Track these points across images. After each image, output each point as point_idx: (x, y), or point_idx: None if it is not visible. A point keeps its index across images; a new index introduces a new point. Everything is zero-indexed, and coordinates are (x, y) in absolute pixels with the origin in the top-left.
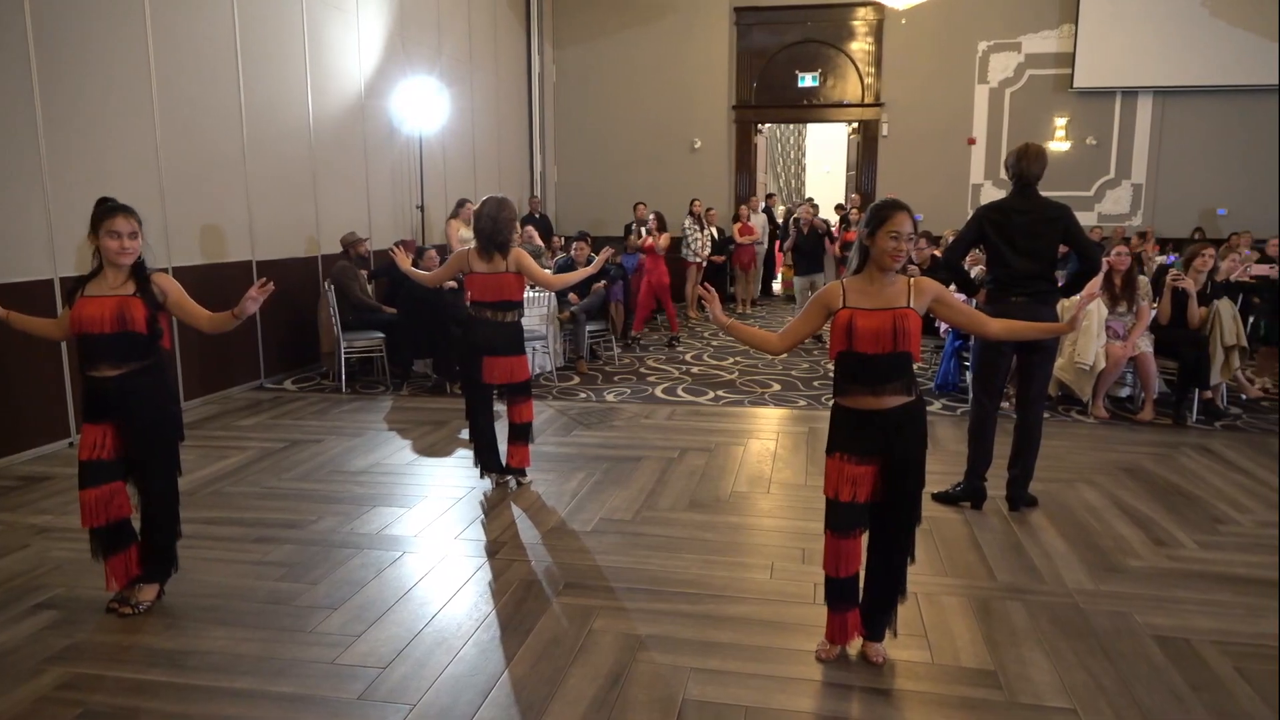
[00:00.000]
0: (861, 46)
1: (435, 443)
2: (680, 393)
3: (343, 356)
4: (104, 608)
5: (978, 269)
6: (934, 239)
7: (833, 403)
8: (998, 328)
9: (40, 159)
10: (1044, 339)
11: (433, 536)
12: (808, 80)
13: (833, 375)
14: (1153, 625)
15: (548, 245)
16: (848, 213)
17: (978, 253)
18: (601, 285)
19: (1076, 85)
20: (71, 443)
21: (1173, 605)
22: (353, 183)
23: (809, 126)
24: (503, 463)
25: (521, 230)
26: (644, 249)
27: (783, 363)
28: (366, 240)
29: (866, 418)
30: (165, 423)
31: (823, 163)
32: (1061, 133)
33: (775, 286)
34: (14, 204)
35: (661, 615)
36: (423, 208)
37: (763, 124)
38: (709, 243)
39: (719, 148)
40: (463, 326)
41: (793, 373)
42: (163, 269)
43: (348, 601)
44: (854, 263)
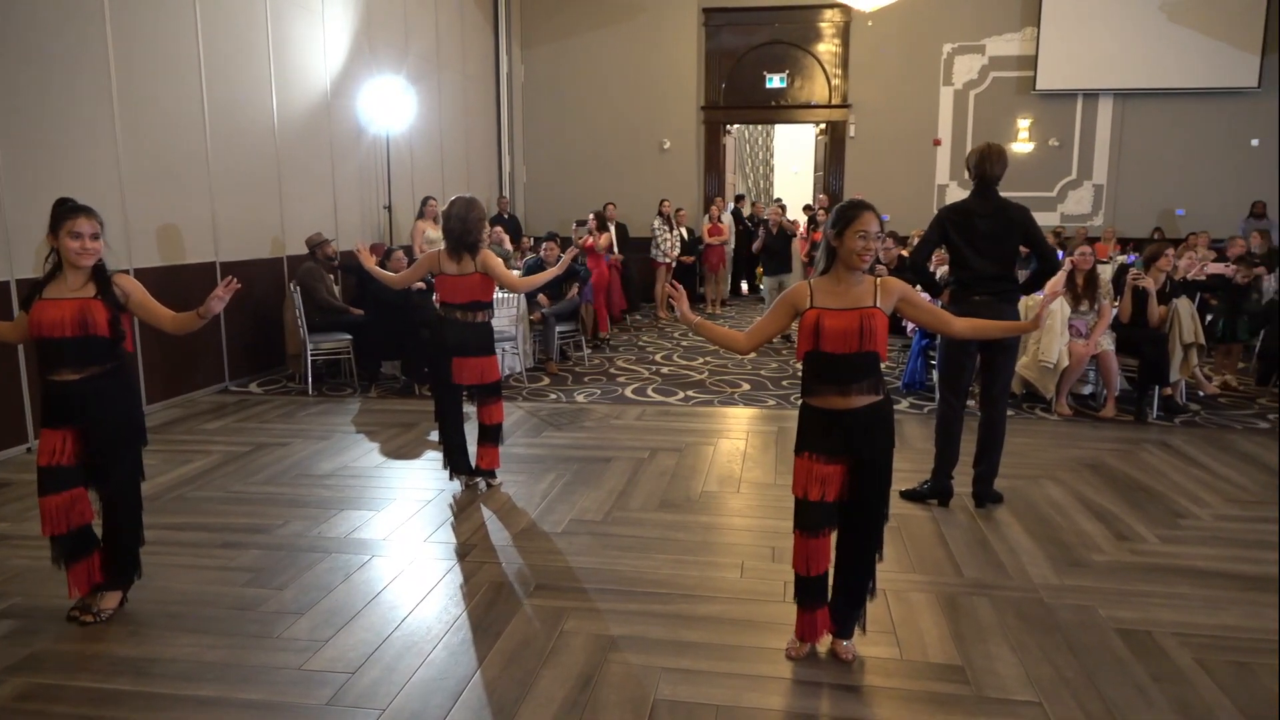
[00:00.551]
0: (828, 48)
1: (404, 445)
2: (650, 393)
3: (309, 358)
4: (65, 616)
5: (942, 269)
6: (901, 239)
7: (801, 402)
8: (963, 326)
9: None
10: (1007, 337)
11: (402, 539)
12: (776, 81)
13: (801, 375)
14: (1116, 618)
15: (516, 246)
16: (816, 213)
17: (942, 253)
18: (575, 291)
19: (1039, 87)
20: (30, 448)
21: (1135, 599)
22: (319, 183)
23: (777, 127)
24: (472, 464)
25: (490, 231)
26: (584, 248)
27: (752, 362)
28: (333, 241)
29: (834, 417)
30: (128, 427)
31: (791, 163)
32: (1025, 134)
33: (744, 287)
34: None
35: (633, 615)
36: (390, 208)
37: (731, 125)
38: (678, 243)
39: (688, 148)
40: (432, 328)
41: (762, 372)
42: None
43: (315, 606)
44: (821, 263)
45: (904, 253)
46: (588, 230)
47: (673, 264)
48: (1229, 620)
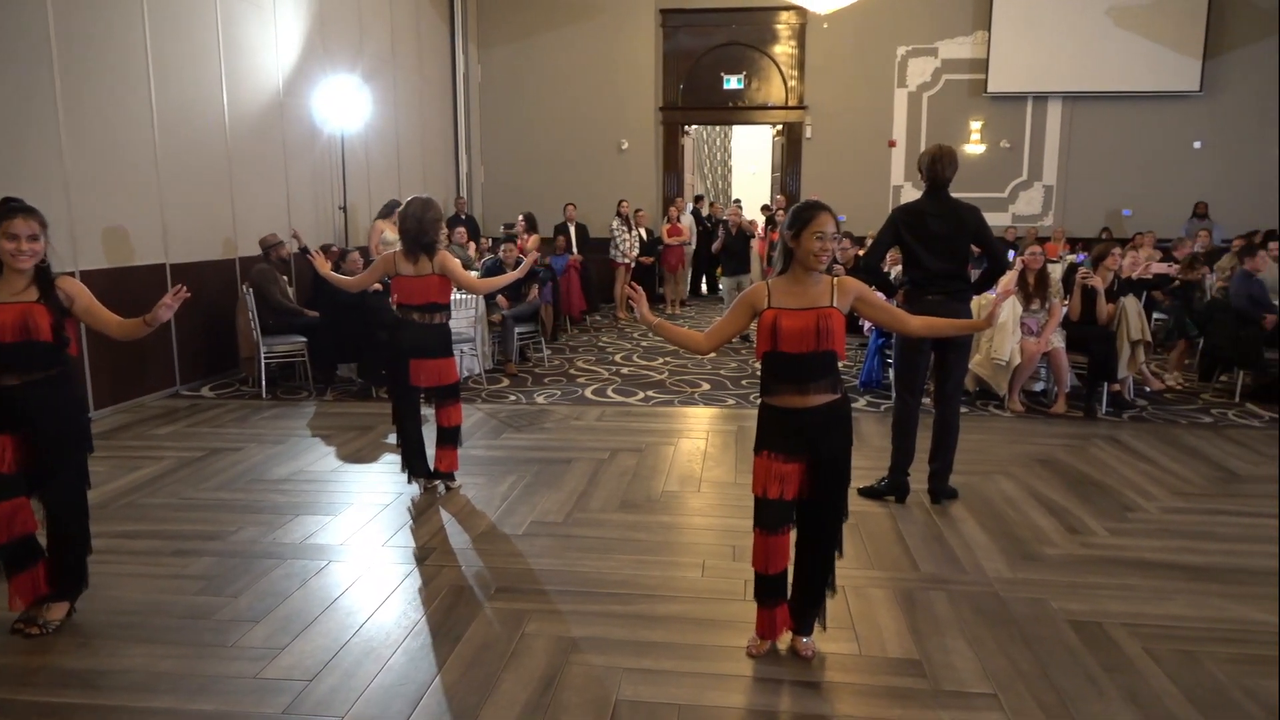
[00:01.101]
0: (785, 50)
1: (361, 448)
2: (610, 394)
3: (263, 361)
4: (9, 629)
5: (896, 269)
6: (857, 240)
7: (760, 401)
8: (918, 325)
9: None
10: (961, 336)
11: (359, 544)
12: (733, 83)
13: (760, 374)
14: (1068, 611)
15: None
16: (774, 214)
17: (896, 253)
18: (535, 293)
19: (990, 90)
20: None
21: (1086, 591)
22: (272, 183)
23: (735, 128)
24: (431, 467)
25: (452, 233)
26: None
27: (711, 362)
28: (287, 244)
29: (793, 416)
30: (72, 433)
31: (749, 164)
32: (977, 136)
33: (704, 287)
34: None
35: (594, 616)
36: (345, 208)
37: (689, 126)
38: (637, 243)
39: (646, 149)
40: (389, 329)
41: (721, 372)
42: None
43: (271, 613)
44: (779, 263)
45: (860, 253)
46: (517, 233)
47: (632, 264)
48: (1175, 610)
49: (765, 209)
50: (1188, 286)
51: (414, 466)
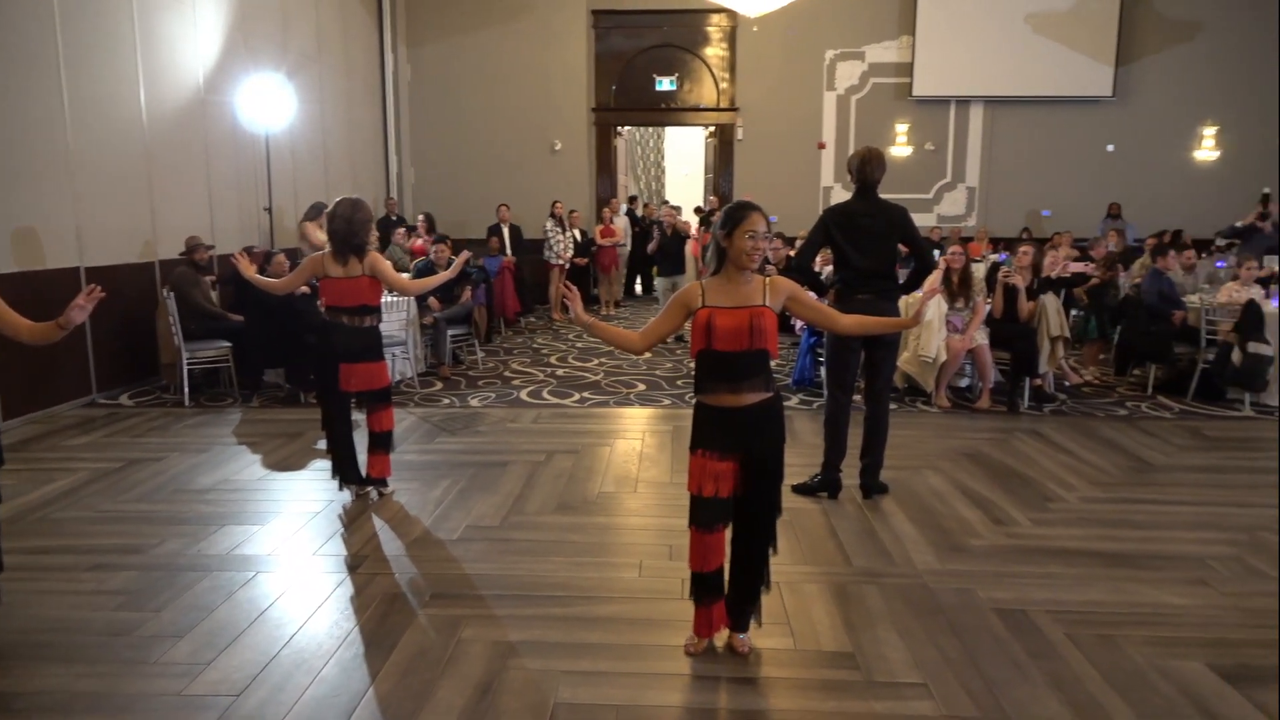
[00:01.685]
0: (716, 52)
1: (289, 456)
2: (546, 395)
3: (185, 368)
4: None
5: (827, 269)
6: (789, 240)
7: (695, 401)
8: (849, 323)
9: None
10: (889, 334)
11: (288, 554)
12: (665, 84)
13: (694, 374)
14: (994, 599)
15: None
16: (708, 214)
17: (827, 253)
18: (467, 296)
19: (915, 94)
20: None
21: (1010, 580)
22: (193, 184)
23: (668, 130)
24: (363, 473)
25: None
26: (413, 252)
27: (647, 363)
28: (212, 249)
29: (727, 414)
30: None
31: (682, 165)
32: (903, 138)
33: (638, 288)
34: None
35: (531, 620)
36: (270, 209)
37: (622, 126)
38: (571, 244)
39: (579, 150)
40: (318, 333)
41: (656, 372)
42: None
43: (196, 628)
44: (712, 263)
45: (792, 253)
46: (416, 234)
47: (566, 265)
48: (1095, 596)
49: (698, 210)
50: (1104, 285)
51: (345, 473)
